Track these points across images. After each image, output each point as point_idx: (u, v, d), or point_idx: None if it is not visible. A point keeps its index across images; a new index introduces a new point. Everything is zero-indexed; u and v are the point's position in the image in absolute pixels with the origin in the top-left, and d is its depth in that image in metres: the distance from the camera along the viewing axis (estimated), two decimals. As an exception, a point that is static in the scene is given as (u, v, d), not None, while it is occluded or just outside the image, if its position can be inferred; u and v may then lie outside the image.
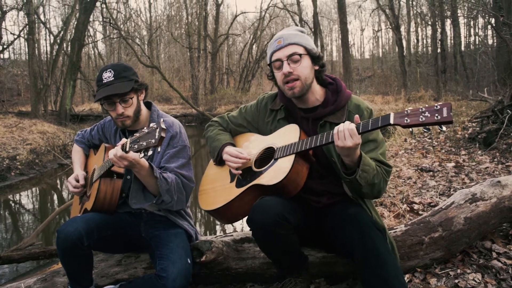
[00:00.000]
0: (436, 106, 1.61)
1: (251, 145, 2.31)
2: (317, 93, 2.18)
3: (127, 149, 2.04)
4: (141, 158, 1.95)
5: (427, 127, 1.66)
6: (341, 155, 1.87)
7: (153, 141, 1.85)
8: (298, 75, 2.07)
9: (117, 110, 2.28)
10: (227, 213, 2.18)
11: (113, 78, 2.25)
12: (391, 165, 2.06)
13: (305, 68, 2.08)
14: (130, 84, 2.27)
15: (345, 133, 1.78)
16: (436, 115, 1.59)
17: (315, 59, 2.14)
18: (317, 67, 2.16)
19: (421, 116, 1.63)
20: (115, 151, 2.06)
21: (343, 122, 2.05)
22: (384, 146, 2.09)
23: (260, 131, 2.37)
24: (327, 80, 2.21)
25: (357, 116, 1.86)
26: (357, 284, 2.33)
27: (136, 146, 1.91)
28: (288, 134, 2.14)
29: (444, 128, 1.98)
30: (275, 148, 2.14)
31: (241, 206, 2.13)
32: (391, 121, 1.71)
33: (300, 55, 2.07)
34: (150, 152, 1.89)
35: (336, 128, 1.83)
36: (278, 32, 2.21)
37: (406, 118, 1.67)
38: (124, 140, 2.12)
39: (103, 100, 2.27)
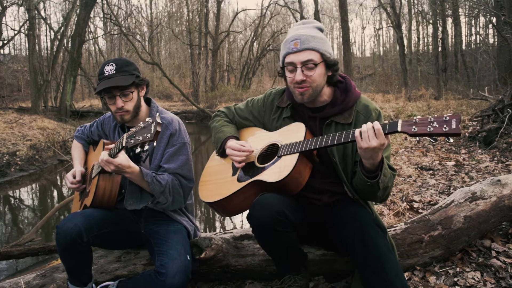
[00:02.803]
0: (445, 117, 1.59)
1: (256, 140, 2.30)
2: (325, 93, 2.13)
3: (115, 153, 2.08)
4: (138, 152, 1.95)
5: (434, 137, 1.65)
6: (363, 157, 1.82)
7: (148, 135, 1.85)
8: (311, 83, 2.02)
9: (117, 104, 2.28)
10: (226, 207, 2.18)
11: (114, 72, 2.25)
12: (396, 170, 2.04)
13: (318, 76, 2.02)
14: (131, 78, 2.27)
15: (369, 133, 1.75)
16: (445, 126, 1.57)
17: (330, 65, 2.07)
18: (330, 73, 2.10)
19: (429, 126, 1.62)
20: (102, 156, 2.11)
21: (350, 123, 2.05)
22: (390, 149, 2.07)
23: (266, 127, 2.35)
24: (336, 79, 2.14)
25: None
26: (357, 282, 2.33)
27: (132, 141, 1.92)
28: (293, 132, 2.13)
29: (451, 140, 1.96)
30: (280, 145, 2.13)
31: (241, 201, 2.13)
32: (399, 129, 1.70)
33: (315, 64, 2.00)
34: (147, 147, 1.89)
35: (357, 130, 1.79)
36: (296, 28, 2.10)
37: (414, 127, 1.66)
38: (112, 145, 2.14)
39: (103, 93, 2.27)
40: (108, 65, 2.28)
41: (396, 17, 22.71)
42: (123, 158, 2.12)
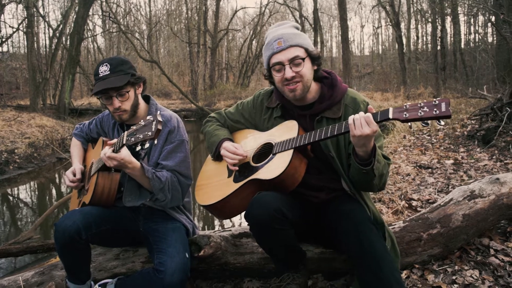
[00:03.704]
0: (435, 101, 1.62)
1: (249, 141, 2.31)
2: (313, 89, 2.16)
3: (118, 149, 2.07)
4: (138, 150, 1.95)
5: (425, 121, 1.68)
6: (356, 146, 1.85)
7: (149, 133, 1.85)
8: (301, 78, 2.04)
9: (114, 104, 2.27)
10: (224, 208, 2.18)
11: (108, 72, 2.24)
12: (390, 158, 2.06)
13: (307, 70, 2.06)
14: (126, 77, 2.26)
15: (361, 121, 1.77)
16: (435, 109, 1.61)
17: (315, 59, 2.11)
18: (315, 67, 2.13)
19: (420, 111, 1.65)
20: (105, 151, 2.11)
21: (340, 117, 2.06)
22: (382, 139, 2.09)
23: (257, 127, 2.36)
24: (322, 75, 2.18)
25: (370, 107, 1.87)
26: (355, 280, 2.34)
27: (133, 139, 1.91)
28: (286, 130, 2.13)
29: (442, 123, 1.99)
30: (273, 144, 2.13)
31: (238, 201, 2.13)
32: (390, 116, 1.72)
33: (302, 58, 2.03)
34: (147, 145, 1.89)
35: (350, 118, 1.81)
36: (274, 30, 2.14)
37: (405, 113, 1.68)
38: (115, 140, 2.13)
39: (99, 94, 2.26)
40: (102, 66, 2.27)
41: (395, 15, 22.71)
42: (125, 153, 2.11)
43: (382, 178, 1.96)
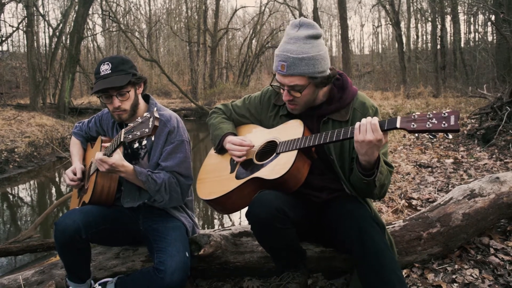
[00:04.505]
0: (444, 113, 1.58)
1: (254, 137, 2.29)
2: (320, 93, 2.10)
3: (110, 153, 2.08)
4: (137, 149, 1.95)
5: (433, 134, 1.63)
6: (359, 153, 1.81)
7: (146, 130, 1.85)
8: (299, 102, 2.03)
9: (114, 104, 2.26)
10: (225, 204, 2.18)
11: (110, 71, 2.22)
12: (393, 166, 2.04)
13: (306, 95, 2.01)
14: (127, 77, 2.24)
15: (367, 126, 1.74)
16: (443, 122, 1.57)
17: (320, 84, 2.00)
18: (322, 86, 2.04)
19: (428, 123, 1.60)
20: (97, 155, 2.11)
21: (347, 120, 2.04)
22: (387, 146, 2.05)
23: (263, 124, 2.34)
24: (333, 79, 2.10)
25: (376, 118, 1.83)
26: (353, 278, 2.34)
27: (130, 136, 1.91)
28: (291, 129, 2.11)
29: (450, 136, 2.00)
30: (278, 142, 2.12)
31: (240, 198, 2.13)
32: (398, 125, 1.68)
33: (301, 89, 1.96)
34: (145, 142, 1.88)
35: (358, 123, 1.77)
36: (287, 40, 1.96)
37: (412, 123, 1.64)
38: (108, 144, 2.14)
39: (100, 93, 2.25)
40: (103, 64, 2.25)
41: (395, 14, 22.70)
42: (117, 158, 2.11)
43: (383, 188, 1.93)
